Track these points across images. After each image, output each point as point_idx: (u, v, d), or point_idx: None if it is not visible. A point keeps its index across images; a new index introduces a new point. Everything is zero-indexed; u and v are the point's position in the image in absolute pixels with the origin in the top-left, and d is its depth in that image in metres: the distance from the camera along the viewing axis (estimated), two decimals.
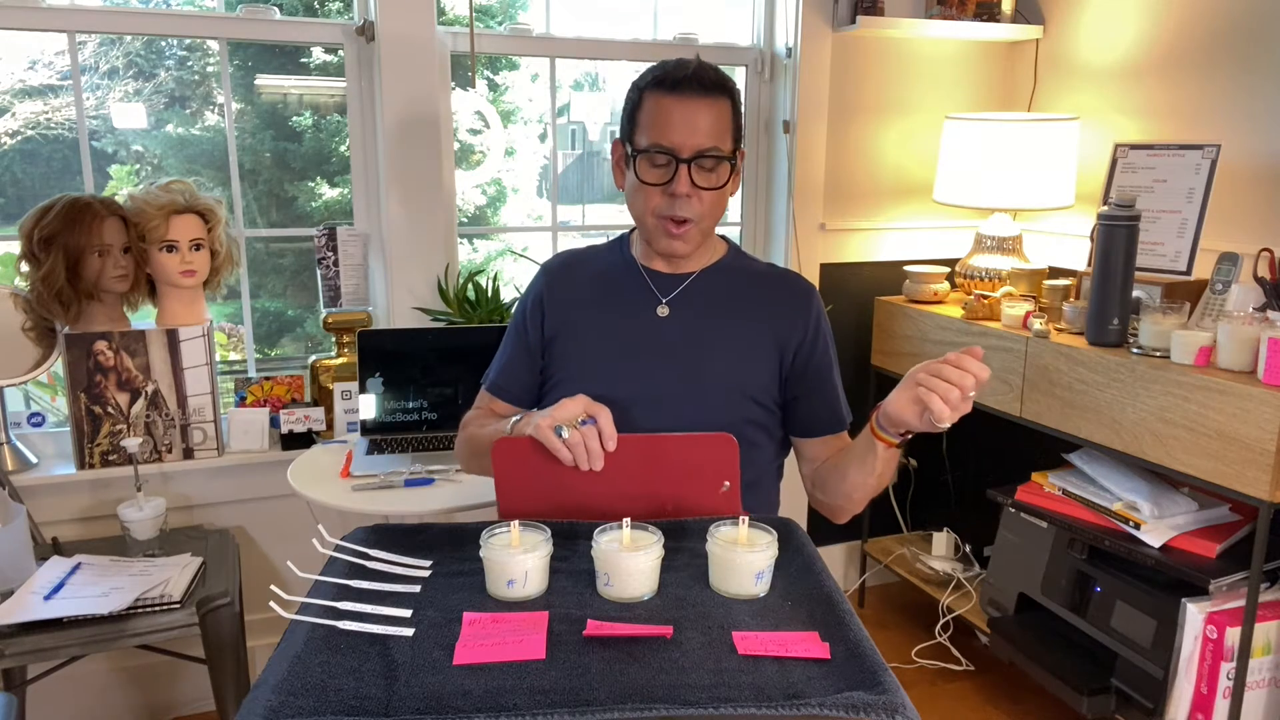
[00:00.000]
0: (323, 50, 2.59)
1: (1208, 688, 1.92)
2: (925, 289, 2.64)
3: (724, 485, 1.26)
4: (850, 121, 2.79)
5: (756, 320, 1.50)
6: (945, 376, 1.21)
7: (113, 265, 2.09)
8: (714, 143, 1.38)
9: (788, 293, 1.54)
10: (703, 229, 1.44)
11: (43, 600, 1.76)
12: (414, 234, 2.42)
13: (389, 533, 1.26)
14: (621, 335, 1.49)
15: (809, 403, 1.51)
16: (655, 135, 1.38)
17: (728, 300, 1.51)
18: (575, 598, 1.08)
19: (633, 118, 1.43)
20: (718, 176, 1.41)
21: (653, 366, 1.46)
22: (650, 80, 1.41)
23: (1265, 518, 1.78)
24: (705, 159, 1.38)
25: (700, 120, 1.37)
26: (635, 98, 1.43)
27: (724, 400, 1.45)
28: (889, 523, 3.07)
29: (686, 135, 1.37)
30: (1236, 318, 1.87)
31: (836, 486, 1.46)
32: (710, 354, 1.47)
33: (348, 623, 1.00)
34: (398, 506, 1.86)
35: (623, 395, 1.43)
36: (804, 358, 1.50)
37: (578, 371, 1.49)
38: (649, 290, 1.51)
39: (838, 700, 0.88)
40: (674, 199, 1.39)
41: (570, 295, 1.54)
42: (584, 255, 1.62)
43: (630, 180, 1.44)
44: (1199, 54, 2.35)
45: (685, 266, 1.51)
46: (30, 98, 2.37)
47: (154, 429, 2.19)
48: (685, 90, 1.38)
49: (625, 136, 1.45)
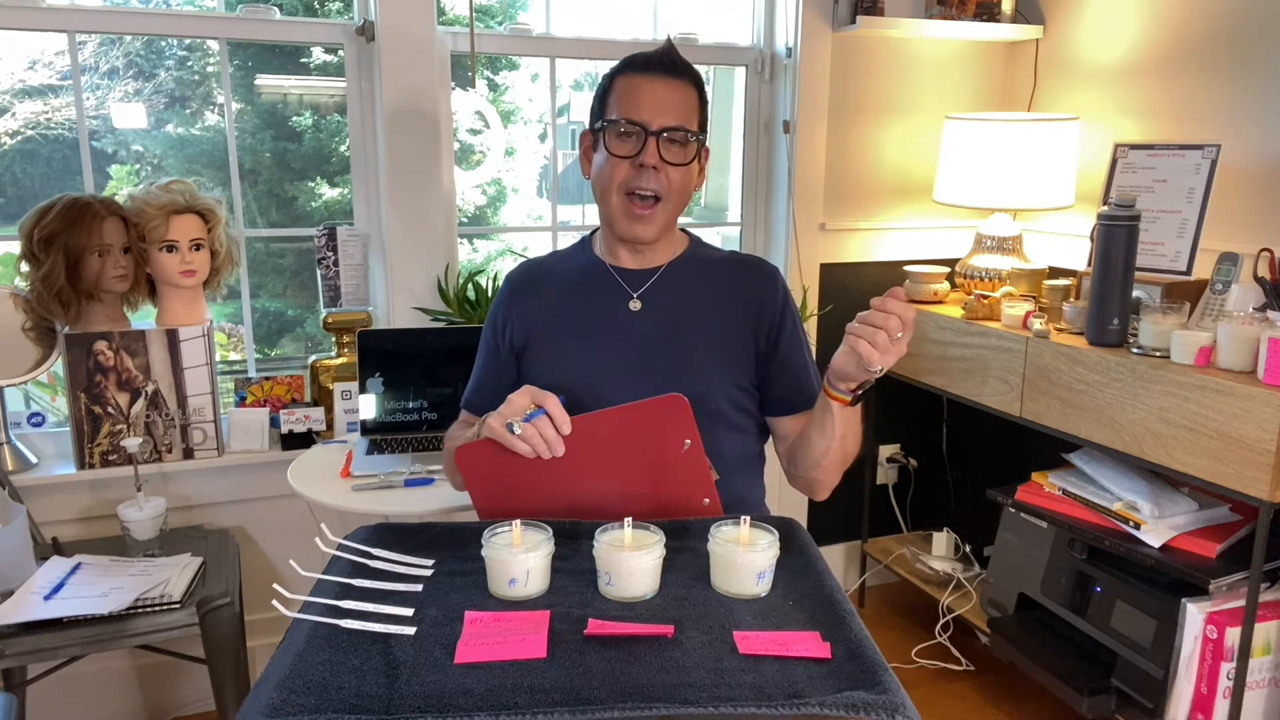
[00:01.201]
0: (323, 50, 2.59)
1: (1208, 688, 1.92)
2: (925, 289, 2.64)
3: (685, 443, 1.27)
4: (850, 121, 2.79)
5: (727, 306, 1.52)
6: (870, 321, 1.24)
7: (113, 265, 2.09)
8: (681, 121, 1.42)
9: (754, 276, 1.56)
10: (667, 210, 1.46)
11: (43, 600, 1.76)
12: (414, 234, 2.42)
13: (391, 532, 1.26)
14: (597, 332, 1.50)
15: (780, 381, 1.53)
16: (625, 110, 1.42)
17: (697, 289, 1.52)
18: (577, 597, 1.08)
19: (603, 101, 1.46)
20: (685, 153, 1.43)
21: (631, 360, 1.48)
22: (620, 66, 1.46)
23: (1265, 518, 1.78)
24: (674, 132, 1.41)
25: (669, 99, 1.42)
26: (605, 84, 1.47)
27: (704, 389, 1.46)
28: (889, 523, 3.07)
29: (656, 111, 1.41)
30: (1236, 318, 1.87)
31: (805, 456, 1.47)
32: (687, 343, 1.49)
33: (350, 621, 1.01)
34: (398, 506, 1.86)
35: (603, 390, 1.44)
36: (774, 338, 1.52)
37: (556, 373, 1.48)
38: (618, 286, 1.52)
39: (838, 700, 0.88)
40: (641, 170, 1.41)
41: (537, 303, 1.55)
42: (546, 262, 1.63)
43: (598, 159, 1.46)
44: (1199, 54, 2.35)
45: (651, 260, 1.53)
46: (30, 98, 2.37)
47: (154, 429, 2.19)
48: (655, 70, 1.43)
49: (595, 119, 1.48)
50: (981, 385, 2.38)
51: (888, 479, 3.05)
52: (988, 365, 2.35)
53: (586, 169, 1.52)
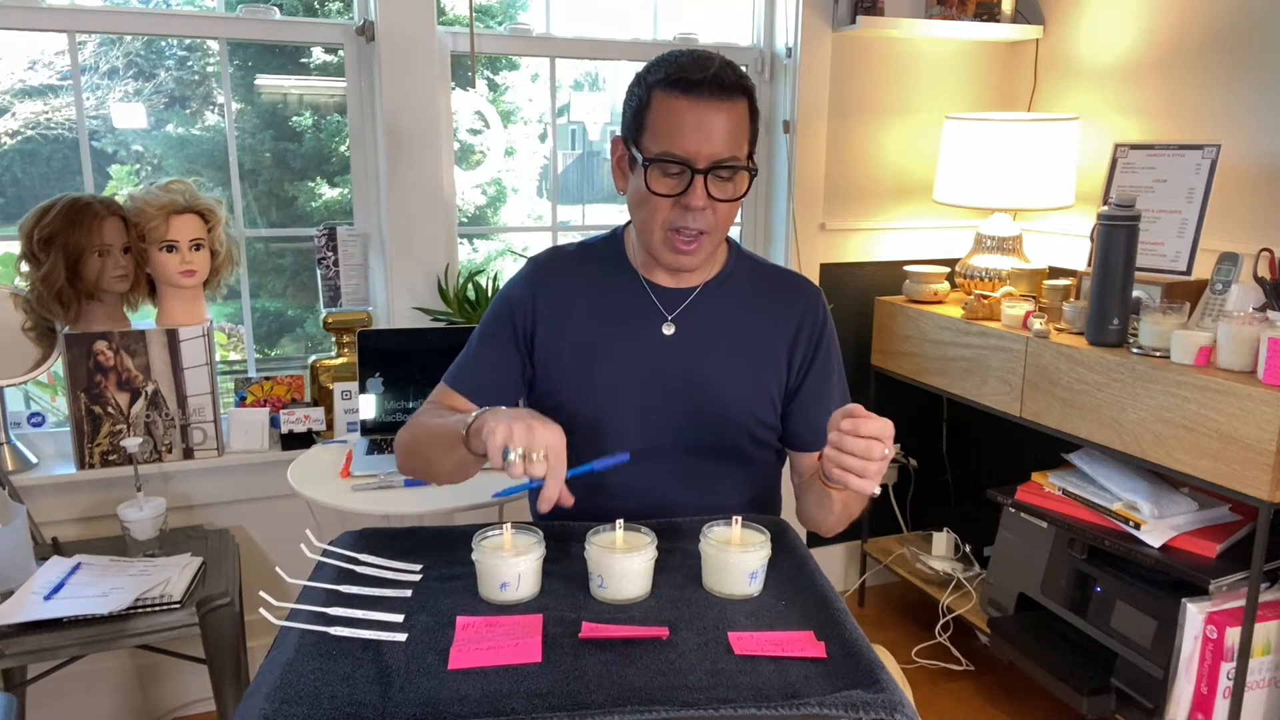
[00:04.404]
0: (323, 50, 2.59)
1: (1208, 688, 1.92)
2: (925, 289, 2.64)
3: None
4: (850, 121, 2.79)
5: (765, 333, 1.42)
6: (854, 451, 1.11)
7: (113, 265, 2.09)
8: (732, 151, 1.25)
9: (794, 300, 1.44)
10: (714, 241, 1.33)
11: (43, 600, 1.76)
12: (414, 234, 2.42)
13: (377, 537, 1.25)
14: (626, 355, 1.39)
15: (804, 418, 1.44)
16: (668, 143, 1.24)
17: (735, 314, 1.42)
18: (569, 600, 1.08)
19: (639, 117, 1.28)
20: (735, 187, 1.28)
21: (659, 389, 1.38)
22: (662, 77, 1.25)
23: (1265, 518, 1.78)
24: (722, 169, 1.25)
25: (719, 127, 1.24)
26: (644, 95, 1.27)
27: (730, 422, 1.40)
28: (889, 523, 3.07)
29: (703, 143, 1.23)
30: (1236, 318, 1.87)
31: (805, 512, 1.42)
32: (719, 376, 1.39)
33: (339, 628, 1.00)
34: (398, 507, 1.86)
35: (625, 417, 1.38)
36: (804, 370, 1.43)
37: (578, 391, 1.39)
38: (653, 306, 1.40)
39: (837, 699, 0.88)
40: (687, 211, 1.27)
41: (566, 298, 1.42)
42: (577, 257, 1.47)
43: (636, 187, 1.30)
44: (1199, 54, 2.34)
45: (689, 280, 1.41)
46: (30, 98, 2.37)
47: (154, 429, 2.19)
48: (703, 93, 1.23)
49: (630, 137, 1.30)
50: (981, 385, 2.38)
51: (888, 479, 3.04)
52: (988, 365, 2.35)
53: (620, 183, 1.36)
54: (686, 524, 1.25)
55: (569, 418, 1.29)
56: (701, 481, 1.40)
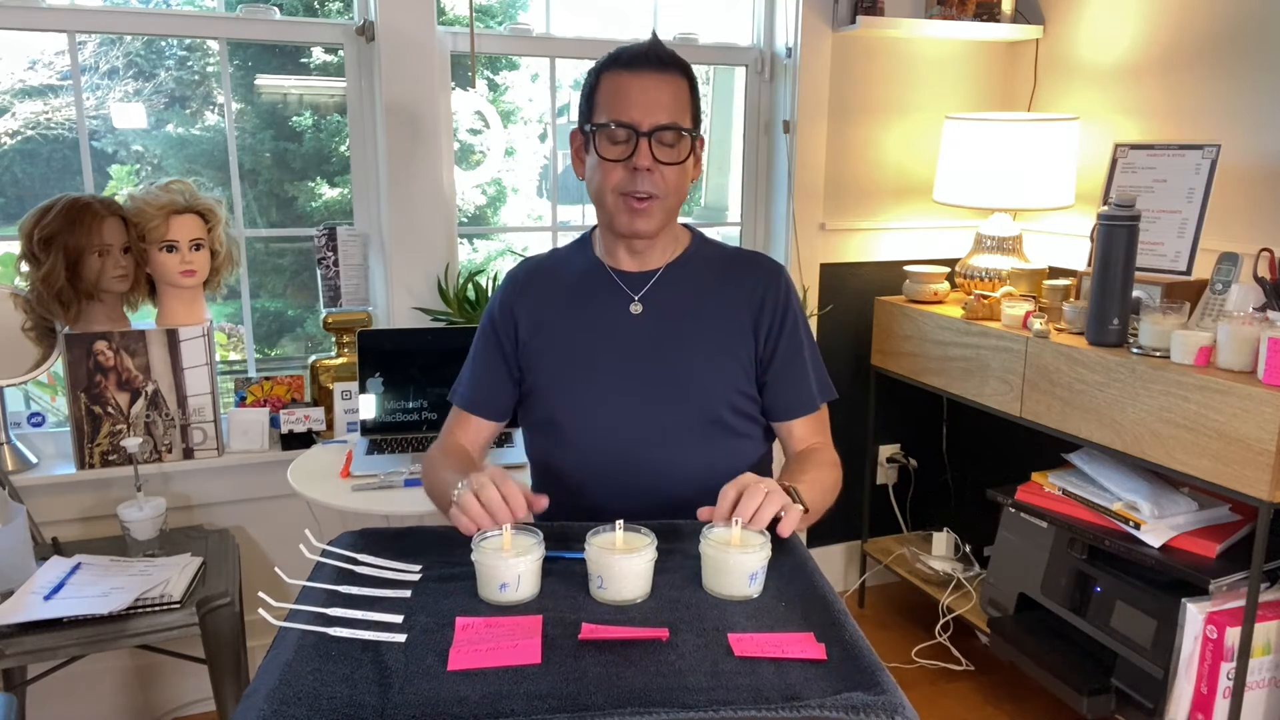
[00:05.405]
0: (323, 50, 2.59)
1: (1208, 688, 1.92)
2: (925, 289, 2.64)
3: None
4: (850, 121, 2.79)
5: (729, 307, 1.48)
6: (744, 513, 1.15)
7: (113, 265, 2.09)
8: (673, 118, 1.38)
9: (756, 274, 1.52)
10: (665, 206, 1.42)
11: (43, 600, 1.76)
12: (414, 234, 2.42)
13: (376, 537, 1.25)
14: (597, 336, 1.48)
15: (780, 386, 1.50)
16: (614, 111, 1.38)
17: (699, 290, 1.49)
18: (569, 601, 1.08)
19: (590, 100, 1.42)
20: (678, 152, 1.40)
21: (632, 365, 1.46)
22: (606, 62, 1.42)
23: (1265, 518, 1.78)
24: (665, 132, 1.37)
25: (659, 95, 1.37)
26: (592, 81, 1.43)
27: (706, 397, 1.45)
28: (889, 523, 3.07)
29: (645, 110, 1.36)
30: (1236, 318, 1.87)
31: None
32: (689, 347, 1.46)
33: (339, 629, 1.00)
34: (398, 507, 1.86)
35: (602, 395, 1.44)
36: (774, 340, 1.49)
37: (556, 376, 1.48)
38: (619, 289, 1.49)
39: (837, 701, 0.88)
40: (635, 173, 1.37)
41: (541, 302, 1.52)
42: (549, 262, 1.60)
43: (591, 161, 1.42)
44: (1198, 54, 2.34)
45: (651, 262, 1.50)
46: (30, 98, 2.37)
47: (154, 429, 2.19)
48: (642, 67, 1.38)
49: (584, 120, 1.44)
50: (981, 385, 2.38)
51: (888, 479, 3.05)
52: (988, 365, 2.35)
53: (580, 169, 1.48)
54: (686, 525, 1.25)
55: (554, 404, 1.47)
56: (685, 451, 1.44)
